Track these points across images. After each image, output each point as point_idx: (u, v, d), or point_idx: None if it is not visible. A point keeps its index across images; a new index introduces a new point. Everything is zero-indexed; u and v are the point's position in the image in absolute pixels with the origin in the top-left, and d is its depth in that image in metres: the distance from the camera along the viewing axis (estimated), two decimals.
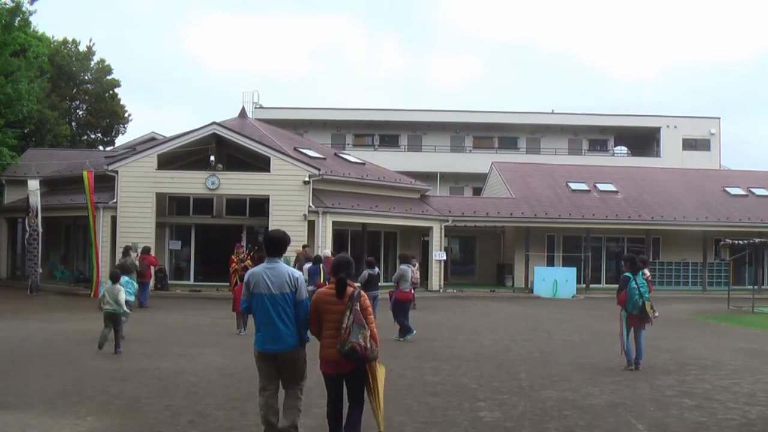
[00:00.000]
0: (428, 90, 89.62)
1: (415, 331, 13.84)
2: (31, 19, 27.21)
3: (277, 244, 6.24)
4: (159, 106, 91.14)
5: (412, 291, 15.09)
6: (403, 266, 14.37)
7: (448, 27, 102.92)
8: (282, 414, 6.18)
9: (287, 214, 23.86)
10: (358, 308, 5.91)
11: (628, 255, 12.71)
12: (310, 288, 11.33)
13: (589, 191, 31.51)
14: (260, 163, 24.83)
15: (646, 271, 11.13)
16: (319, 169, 24.87)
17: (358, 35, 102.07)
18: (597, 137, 47.03)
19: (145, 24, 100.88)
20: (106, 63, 41.38)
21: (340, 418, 6.10)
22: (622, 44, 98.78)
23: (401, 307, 14.01)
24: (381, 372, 6.16)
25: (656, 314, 11.05)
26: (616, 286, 31.86)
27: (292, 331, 6.08)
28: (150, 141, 30.34)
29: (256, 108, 43.70)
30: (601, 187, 31.90)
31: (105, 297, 11.79)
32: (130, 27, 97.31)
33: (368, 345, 5.85)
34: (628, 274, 10.88)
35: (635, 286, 10.64)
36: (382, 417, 6.20)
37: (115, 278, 12.07)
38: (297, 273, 6.20)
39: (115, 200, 24.01)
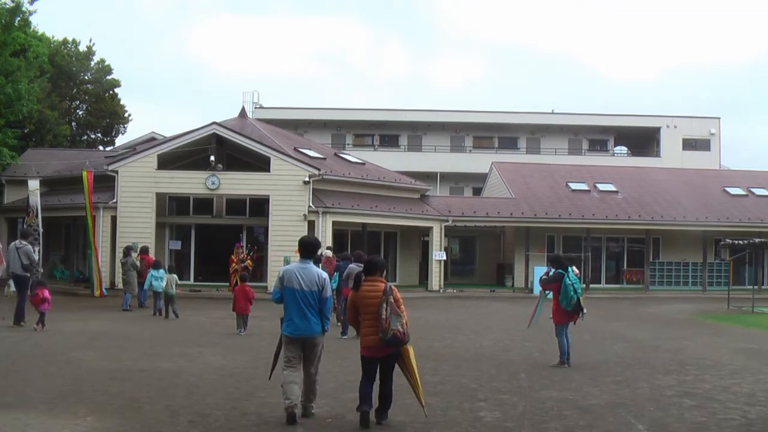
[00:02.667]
0: (429, 91, 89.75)
1: (346, 336, 13.28)
2: (31, 19, 27.16)
3: (310, 248, 7.49)
4: (160, 106, 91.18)
5: None
6: (352, 265, 14.12)
7: (449, 28, 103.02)
8: (303, 394, 7.20)
9: (287, 214, 23.86)
10: (392, 300, 6.91)
11: (552, 255, 12.82)
12: None
13: (589, 191, 31.49)
14: (260, 163, 24.82)
15: (575, 269, 11.34)
16: (319, 169, 24.86)
17: (359, 37, 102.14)
18: (597, 137, 47.00)
19: (147, 24, 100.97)
20: (106, 63, 41.31)
21: (370, 393, 7.10)
22: (622, 46, 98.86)
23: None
24: (412, 353, 7.15)
25: (585, 311, 11.19)
26: (617, 286, 31.92)
27: (316, 321, 7.20)
28: (150, 141, 30.31)
29: (256, 108, 43.67)
30: (601, 187, 31.87)
31: (167, 283, 16.85)
32: (131, 27, 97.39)
33: (405, 330, 6.93)
34: (560, 271, 11.05)
35: (569, 282, 10.81)
36: (423, 393, 7.19)
37: (171, 270, 17.65)
38: (324, 274, 7.33)
39: (115, 200, 24.00)
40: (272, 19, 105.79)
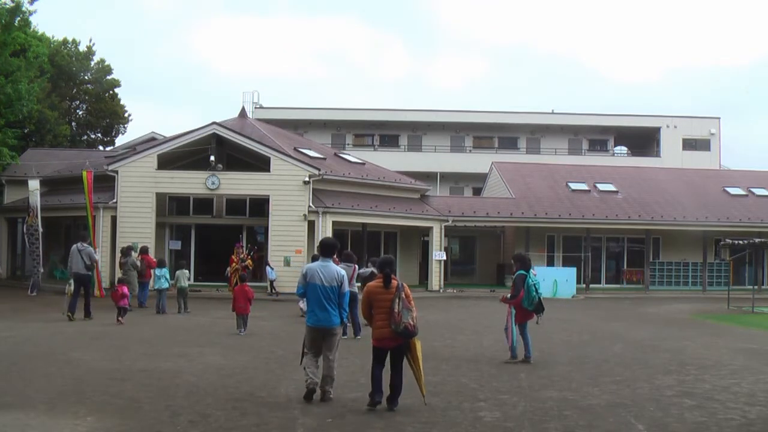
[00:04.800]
0: (429, 91, 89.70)
1: (346, 336, 12.67)
2: (31, 19, 27.16)
3: (328, 248, 8.42)
4: (160, 106, 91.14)
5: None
6: (341, 265, 14.01)
7: (450, 29, 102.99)
8: (322, 379, 8.02)
9: (287, 214, 23.86)
10: (404, 296, 7.62)
11: (518, 254, 12.61)
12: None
13: (589, 191, 31.49)
14: (260, 163, 24.82)
15: (533, 270, 11.37)
16: (319, 169, 24.85)
17: (360, 37, 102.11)
18: (597, 137, 47.02)
19: (147, 24, 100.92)
20: (106, 63, 41.33)
21: (381, 380, 7.73)
22: (622, 46, 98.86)
23: None
24: (419, 346, 7.80)
25: (544, 310, 11.27)
26: (617, 286, 31.70)
27: (335, 314, 8.04)
28: (150, 141, 30.30)
29: (256, 108, 43.67)
30: (601, 187, 31.88)
31: (179, 279, 17.93)
32: (131, 27, 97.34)
33: (415, 323, 7.64)
34: (522, 272, 11.09)
35: (532, 283, 10.95)
36: (424, 384, 7.79)
37: (182, 266, 18.67)
38: (342, 271, 8.22)
39: (115, 200, 24.00)
40: (272, 19, 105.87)
